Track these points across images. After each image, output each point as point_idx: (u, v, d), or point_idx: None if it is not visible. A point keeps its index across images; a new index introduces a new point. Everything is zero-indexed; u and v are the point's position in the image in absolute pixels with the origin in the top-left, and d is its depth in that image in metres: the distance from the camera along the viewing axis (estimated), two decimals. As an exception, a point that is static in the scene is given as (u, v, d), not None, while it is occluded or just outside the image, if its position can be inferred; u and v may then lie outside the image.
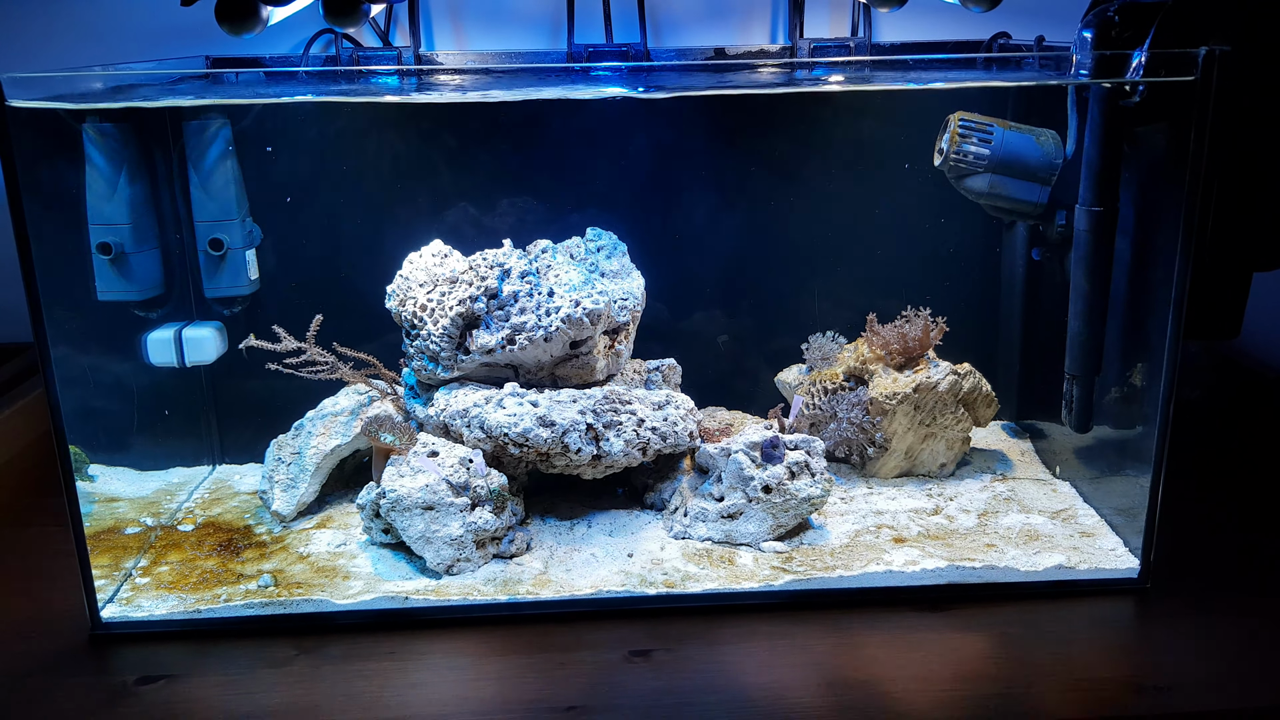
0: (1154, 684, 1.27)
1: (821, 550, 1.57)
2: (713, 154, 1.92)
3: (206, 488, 1.85)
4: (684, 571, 1.51)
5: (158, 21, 1.91)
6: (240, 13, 1.31)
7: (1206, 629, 1.39)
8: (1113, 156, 1.49)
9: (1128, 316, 1.54)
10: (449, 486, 1.51)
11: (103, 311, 1.72)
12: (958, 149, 1.67)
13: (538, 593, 1.47)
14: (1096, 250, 1.53)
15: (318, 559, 1.57)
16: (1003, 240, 1.94)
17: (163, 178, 1.75)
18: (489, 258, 1.67)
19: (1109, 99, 1.47)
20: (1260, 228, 1.44)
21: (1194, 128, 1.32)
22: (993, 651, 1.35)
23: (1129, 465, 1.56)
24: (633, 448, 1.61)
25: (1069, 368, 1.61)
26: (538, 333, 1.60)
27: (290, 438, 1.74)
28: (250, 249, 1.81)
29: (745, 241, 1.96)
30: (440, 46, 1.96)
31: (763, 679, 1.30)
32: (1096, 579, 1.49)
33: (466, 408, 1.59)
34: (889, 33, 1.98)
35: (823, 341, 1.91)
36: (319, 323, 1.70)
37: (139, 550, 1.61)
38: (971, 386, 1.78)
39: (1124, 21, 1.42)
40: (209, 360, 1.80)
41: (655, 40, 1.97)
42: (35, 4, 1.92)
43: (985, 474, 1.83)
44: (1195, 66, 1.31)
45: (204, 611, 1.44)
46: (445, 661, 1.35)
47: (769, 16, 2.00)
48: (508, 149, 1.88)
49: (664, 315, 1.95)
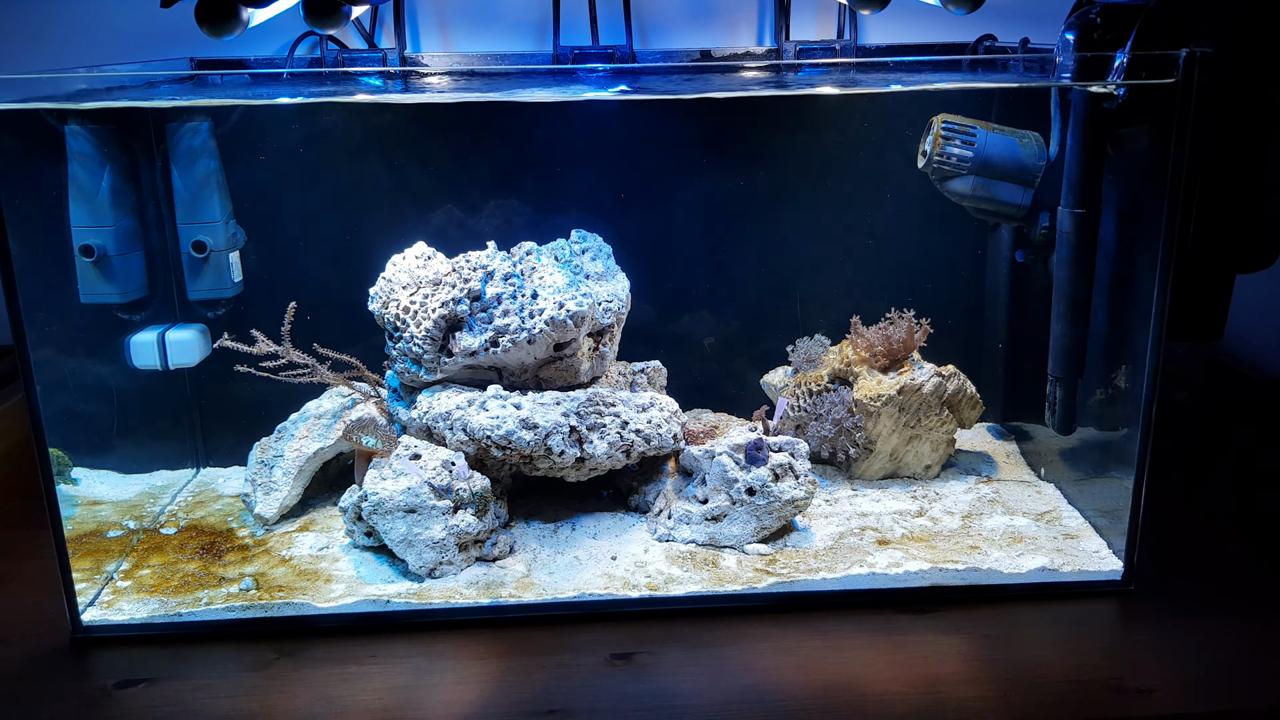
0: (1136, 686, 1.27)
1: (805, 552, 1.56)
2: (698, 156, 1.92)
3: (190, 491, 1.84)
4: (667, 574, 1.51)
5: (144, 24, 1.91)
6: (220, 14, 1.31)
7: (1189, 631, 1.39)
8: (1095, 158, 1.49)
9: (1111, 318, 1.54)
10: (431, 489, 1.50)
11: (86, 314, 1.71)
12: (941, 151, 1.67)
13: (520, 596, 1.46)
14: (1079, 252, 1.53)
15: (300, 562, 1.57)
16: (987, 242, 1.94)
17: (146, 180, 1.75)
18: (472, 260, 1.67)
19: (1091, 101, 1.47)
20: (1242, 230, 1.44)
21: (1175, 129, 1.32)
22: (975, 653, 1.34)
23: (1113, 467, 1.56)
24: (616, 450, 1.61)
25: (1052, 369, 1.61)
26: (521, 335, 1.59)
27: (273, 440, 1.74)
28: (234, 251, 1.80)
29: (731, 243, 1.96)
30: (426, 49, 1.96)
31: (745, 681, 1.29)
32: (1079, 581, 1.49)
33: (449, 410, 1.58)
34: (875, 35, 1.98)
35: (808, 344, 1.91)
36: (293, 310, 1.69)
37: (121, 553, 1.60)
38: (956, 388, 1.78)
39: (1106, 23, 1.42)
40: (192, 363, 1.79)
41: (641, 42, 1.97)
42: (21, 6, 1.91)
43: (970, 476, 1.83)
44: (1176, 68, 1.32)
45: (185, 615, 1.43)
46: (427, 665, 1.34)
47: (755, 19, 2.00)
48: (493, 151, 1.88)
49: (650, 317, 1.95)
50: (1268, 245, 1.45)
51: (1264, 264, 1.47)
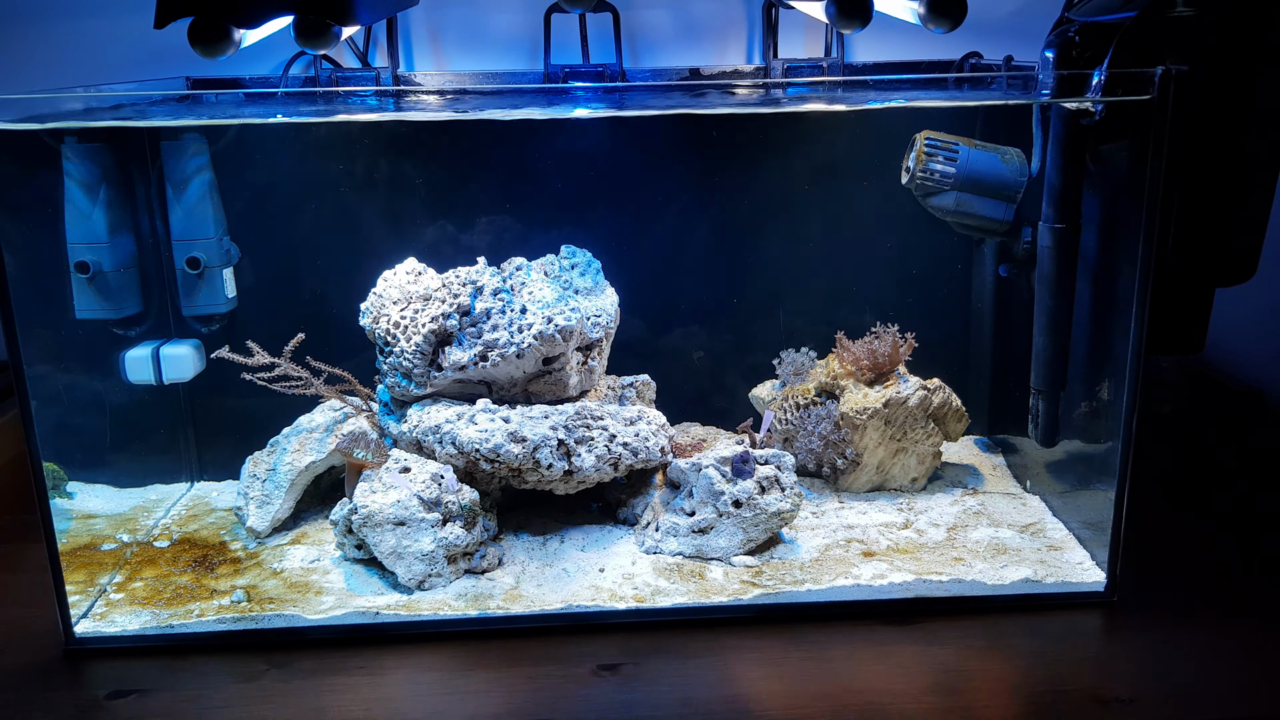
0: (1118, 696, 1.29)
1: (791, 564, 1.58)
2: (687, 173, 1.94)
3: (184, 504, 1.86)
4: (654, 586, 1.52)
5: (140, 44, 1.93)
6: (212, 35, 1.33)
7: (1171, 642, 1.40)
8: (1074, 174, 1.52)
9: (1093, 332, 1.56)
10: (420, 502, 1.52)
11: (81, 330, 1.73)
12: (924, 167, 1.70)
13: (508, 608, 1.48)
14: (1059, 266, 1.55)
15: (291, 574, 1.58)
16: (971, 257, 1.96)
17: (141, 197, 1.77)
18: (462, 275, 1.69)
19: (1070, 118, 1.49)
20: (1221, 244, 1.46)
21: (1152, 145, 1.35)
22: (959, 664, 1.36)
23: (1097, 479, 1.57)
24: (604, 463, 1.62)
25: (1034, 382, 1.63)
26: (510, 349, 1.61)
27: (266, 454, 1.75)
28: (228, 267, 1.82)
29: (719, 258, 1.98)
30: (419, 67, 1.98)
31: (731, 692, 1.31)
32: (1063, 592, 1.50)
33: (439, 424, 1.60)
34: (862, 53, 2.01)
35: (795, 357, 1.93)
36: (299, 341, 1.72)
37: (115, 566, 1.62)
38: (941, 401, 1.79)
39: (1084, 41, 1.44)
40: (187, 378, 1.81)
41: (632, 61, 1.99)
42: (19, 27, 1.94)
43: (956, 488, 1.85)
44: (1152, 85, 1.34)
45: (176, 627, 1.45)
46: (415, 676, 1.36)
47: (744, 37, 2.02)
48: (484, 167, 1.91)
49: (639, 332, 1.97)
50: (1246, 258, 1.47)
51: (1243, 277, 1.48)
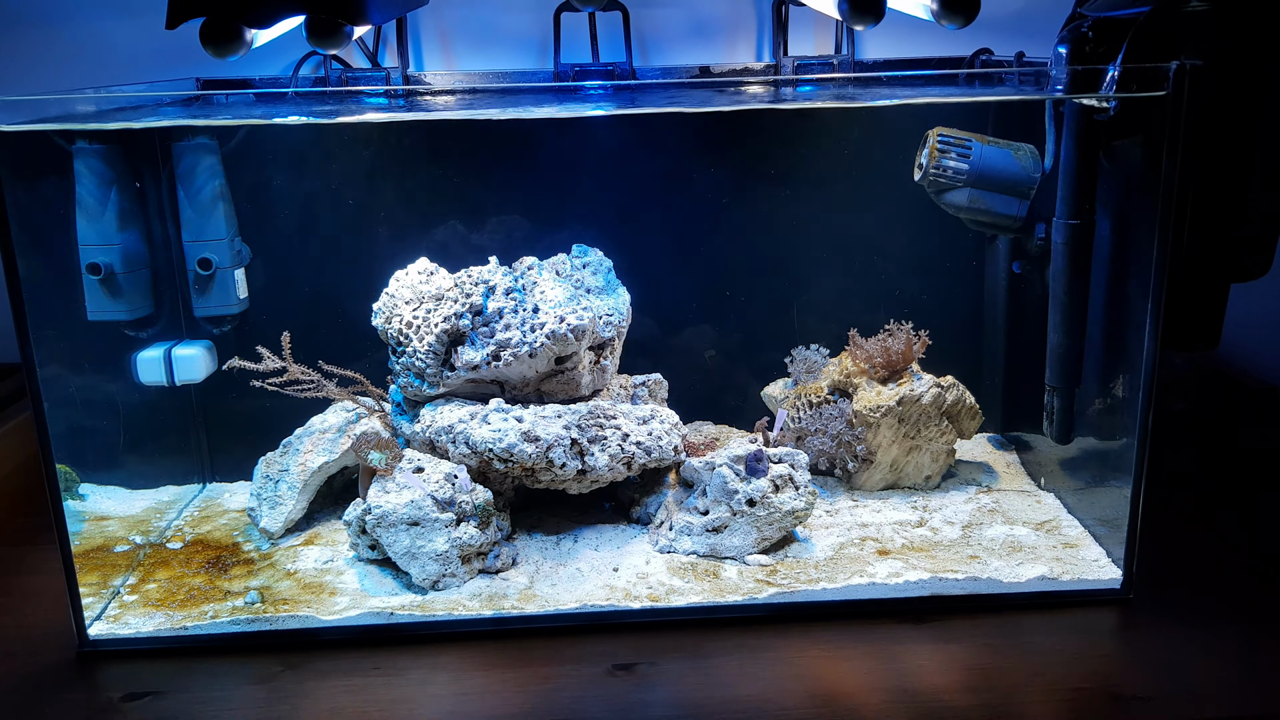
0: (1134, 694, 1.28)
1: (806, 563, 1.57)
2: (699, 170, 1.94)
3: (196, 506, 1.86)
4: (669, 585, 1.52)
5: (151, 45, 1.94)
6: (223, 36, 1.34)
7: (1188, 639, 1.40)
8: (1088, 170, 1.51)
9: (1107, 328, 1.55)
10: (434, 502, 1.52)
11: (93, 331, 1.73)
12: (937, 164, 1.69)
13: (523, 608, 1.48)
14: (1073, 262, 1.54)
15: (305, 575, 1.58)
16: (984, 253, 1.95)
17: (152, 198, 1.77)
18: (474, 275, 1.69)
19: (1083, 113, 1.48)
20: (1236, 240, 1.45)
21: (1166, 141, 1.34)
22: (975, 662, 1.35)
23: (1112, 476, 1.57)
24: (617, 462, 1.62)
25: (1049, 379, 1.62)
26: (523, 349, 1.61)
27: (278, 455, 1.75)
28: (239, 268, 1.82)
29: (731, 256, 1.98)
30: (429, 67, 1.98)
31: (746, 692, 1.30)
32: (1079, 590, 1.50)
33: (452, 424, 1.60)
34: (872, 50, 2.00)
35: (807, 355, 1.92)
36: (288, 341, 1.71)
37: (128, 568, 1.62)
38: (955, 399, 1.79)
39: (1098, 37, 1.44)
40: (198, 379, 1.81)
41: (641, 59, 1.99)
42: (30, 28, 1.94)
43: (970, 486, 1.84)
44: (1167, 81, 1.33)
45: (190, 628, 1.45)
46: (429, 677, 1.35)
47: (754, 35, 2.02)
48: (495, 167, 1.90)
49: (651, 331, 1.97)
50: (1261, 254, 1.46)
51: (1258, 273, 1.48)
